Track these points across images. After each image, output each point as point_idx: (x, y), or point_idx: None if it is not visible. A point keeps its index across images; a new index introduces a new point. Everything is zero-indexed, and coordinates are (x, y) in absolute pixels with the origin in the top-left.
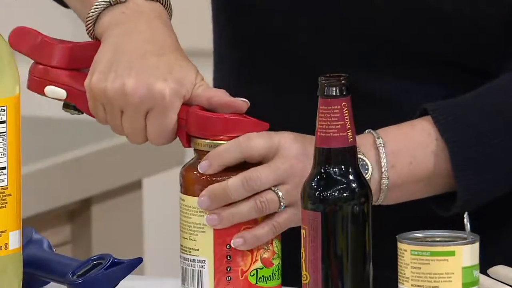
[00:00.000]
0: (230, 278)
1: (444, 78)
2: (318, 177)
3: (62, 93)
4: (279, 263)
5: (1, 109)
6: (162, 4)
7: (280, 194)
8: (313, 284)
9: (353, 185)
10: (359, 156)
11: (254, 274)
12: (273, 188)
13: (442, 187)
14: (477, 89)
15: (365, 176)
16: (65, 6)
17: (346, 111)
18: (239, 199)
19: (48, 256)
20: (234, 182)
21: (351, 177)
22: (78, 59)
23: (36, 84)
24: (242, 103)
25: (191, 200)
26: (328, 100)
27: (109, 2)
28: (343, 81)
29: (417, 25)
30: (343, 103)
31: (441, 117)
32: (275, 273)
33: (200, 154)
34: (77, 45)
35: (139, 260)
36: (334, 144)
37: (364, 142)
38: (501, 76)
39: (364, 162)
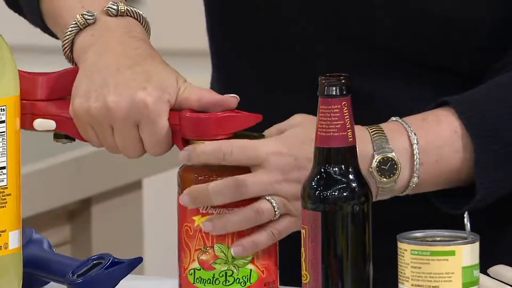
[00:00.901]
0: (179, 273)
1: (439, 81)
2: (318, 176)
3: (51, 124)
4: (228, 269)
5: (1, 108)
6: (134, 17)
7: (274, 203)
8: (313, 284)
9: (353, 184)
10: (388, 155)
11: (192, 273)
12: (267, 198)
13: (461, 182)
14: (484, 85)
15: (394, 177)
16: (54, 36)
17: (346, 111)
18: (220, 204)
19: (48, 256)
20: (215, 185)
21: (351, 176)
22: (61, 88)
23: (24, 121)
24: (232, 99)
25: None
26: (328, 100)
27: (78, 27)
28: (343, 81)
29: (415, 30)
30: (343, 103)
31: (466, 113)
32: (218, 279)
33: None
34: (57, 74)
35: (139, 260)
36: (334, 144)
37: (398, 137)
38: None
39: (392, 162)
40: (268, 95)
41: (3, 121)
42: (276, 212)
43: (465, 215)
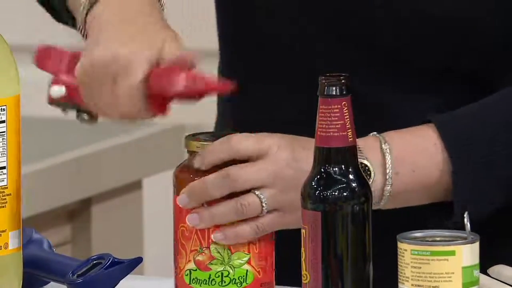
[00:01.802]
0: (175, 274)
1: (440, 81)
2: (318, 176)
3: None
4: (224, 270)
5: (1, 108)
6: None
7: (263, 197)
8: (313, 284)
9: (353, 184)
10: (362, 161)
11: (188, 274)
12: (256, 192)
13: (443, 196)
14: (482, 100)
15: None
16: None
17: (346, 111)
18: (218, 197)
19: (48, 256)
20: (212, 178)
21: (351, 176)
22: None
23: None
24: (191, 56)
25: None
26: (328, 100)
27: None
28: (343, 81)
29: (415, 31)
30: (343, 103)
31: (446, 129)
32: (214, 279)
33: (193, 155)
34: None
35: (139, 260)
36: (334, 144)
37: (370, 145)
38: (506, 88)
39: (366, 167)
40: (268, 95)
41: (3, 121)
42: (264, 207)
43: (465, 215)
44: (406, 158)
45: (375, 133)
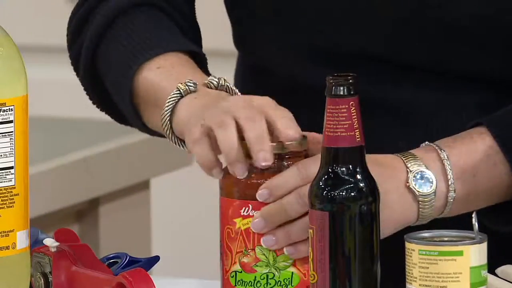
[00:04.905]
0: (221, 275)
1: (472, 85)
2: (326, 176)
3: None
4: (269, 272)
5: (9, 108)
6: (230, 94)
7: None
8: (321, 284)
9: (361, 184)
10: (423, 170)
11: (233, 276)
12: None
13: (504, 197)
14: None
15: (430, 190)
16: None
17: (354, 111)
18: (296, 217)
19: None
20: (288, 199)
21: (358, 176)
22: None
23: None
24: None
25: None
26: (336, 100)
27: (180, 93)
28: (350, 81)
29: (435, 39)
30: (351, 103)
31: (498, 130)
32: (259, 281)
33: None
34: None
35: (156, 258)
36: (342, 144)
37: (428, 155)
38: None
39: (427, 175)
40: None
41: (11, 121)
42: None
43: (473, 215)
44: (465, 164)
45: (427, 142)
